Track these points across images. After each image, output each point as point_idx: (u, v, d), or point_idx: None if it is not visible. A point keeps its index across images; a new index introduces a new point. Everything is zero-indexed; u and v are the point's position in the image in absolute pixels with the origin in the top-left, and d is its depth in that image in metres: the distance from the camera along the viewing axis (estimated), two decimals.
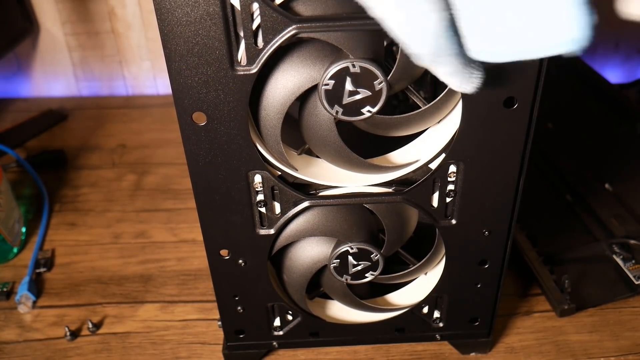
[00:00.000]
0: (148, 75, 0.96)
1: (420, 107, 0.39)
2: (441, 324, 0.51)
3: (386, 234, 0.44)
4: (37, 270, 0.64)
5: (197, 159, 0.39)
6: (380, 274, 0.45)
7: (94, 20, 0.90)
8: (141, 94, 0.98)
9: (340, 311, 0.52)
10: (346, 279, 0.46)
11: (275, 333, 0.51)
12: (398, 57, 0.36)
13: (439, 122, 0.41)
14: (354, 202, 0.42)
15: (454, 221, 0.44)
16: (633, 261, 0.59)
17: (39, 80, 0.97)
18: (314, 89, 0.37)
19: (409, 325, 0.51)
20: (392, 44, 0.40)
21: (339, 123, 0.39)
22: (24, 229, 0.68)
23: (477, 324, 0.51)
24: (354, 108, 0.37)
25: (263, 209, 0.43)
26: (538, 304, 0.58)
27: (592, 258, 0.60)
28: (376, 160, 0.43)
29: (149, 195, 0.75)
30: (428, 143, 0.42)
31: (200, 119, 0.37)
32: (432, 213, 0.43)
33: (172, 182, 0.77)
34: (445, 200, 0.43)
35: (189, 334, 0.56)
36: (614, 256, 0.60)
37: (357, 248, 0.44)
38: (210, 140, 0.38)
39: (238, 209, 0.42)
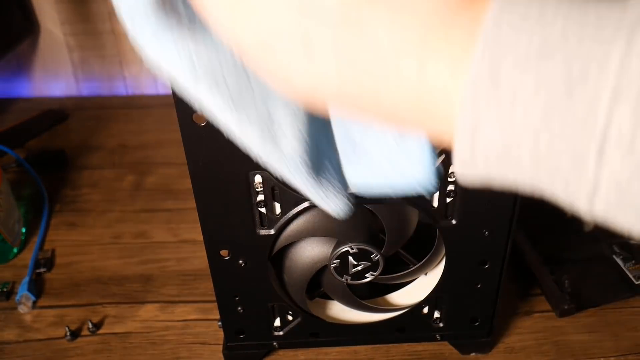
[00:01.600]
0: (148, 75, 0.96)
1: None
2: (441, 324, 0.51)
3: (386, 234, 0.44)
4: (37, 271, 0.64)
5: (197, 160, 0.39)
6: (381, 274, 0.46)
7: (94, 20, 0.90)
8: (141, 94, 0.98)
9: (340, 311, 0.52)
10: (346, 279, 0.46)
11: (276, 333, 0.51)
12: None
13: None
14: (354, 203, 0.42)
15: (454, 221, 0.44)
16: (633, 261, 0.59)
17: (39, 80, 0.97)
18: None
19: (409, 326, 0.51)
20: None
21: None
22: (24, 229, 0.68)
23: (477, 324, 0.51)
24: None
25: (263, 209, 0.43)
26: (538, 304, 0.58)
27: (592, 258, 0.60)
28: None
29: (149, 195, 0.75)
30: None
31: (201, 119, 0.37)
32: (433, 213, 0.43)
33: (172, 182, 0.77)
34: (446, 200, 0.43)
35: (189, 334, 0.56)
36: (614, 256, 0.60)
37: (358, 248, 0.44)
38: (210, 141, 0.38)
39: (238, 209, 0.42)
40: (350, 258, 0.44)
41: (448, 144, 0.20)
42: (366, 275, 0.46)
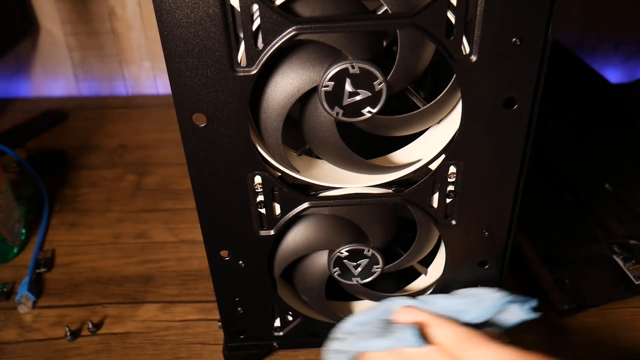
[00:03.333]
0: (148, 75, 0.96)
1: (420, 107, 0.39)
2: None
3: (366, 233, 0.44)
4: (37, 271, 0.64)
5: (197, 160, 0.39)
6: (386, 264, 0.45)
7: (94, 20, 0.90)
8: (141, 94, 0.98)
9: (340, 311, 0.52)
10: (357, 281, 0.46)
11: (276, 333, 0.51)
12: (397, 57, 0.36)
13: (439, 122, 0.41)
14: (354, 204, 0.42)
15: (454, 222, 0.44)
16: (633, 261, 0.59)
17: (39, 80, 0.97)
18: (314, 90, 0.37)
19: None
20: (392, 44, 0.40)
21: (339, 123, 0.39)
22: (23, 229, 0.68)
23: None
24: (355, 109, 0.37)
25: (263, 210, 0.43)
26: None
27: (592, 258, 0.60)
28: (377, 161, 0.43)
29: (149, 195, 0.75)
30: (428, 144, 0.42)
31: (200, 120, 0.37)
32: (432, 213, 0.43)
33: (172, 182, 0.77)
34: (445, 200, 0.43)
35: (189, 334, 0.56)
36: (614, 256, 0.60)
37: (347, 251, 0.44)
38: (210, 142, 0.38)
39: (238, 210, 0.42)
40: (346, 261, 0.45)
41: None
42: (372, 270, 0.45)
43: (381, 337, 0.43)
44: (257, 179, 0.41)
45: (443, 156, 0.40)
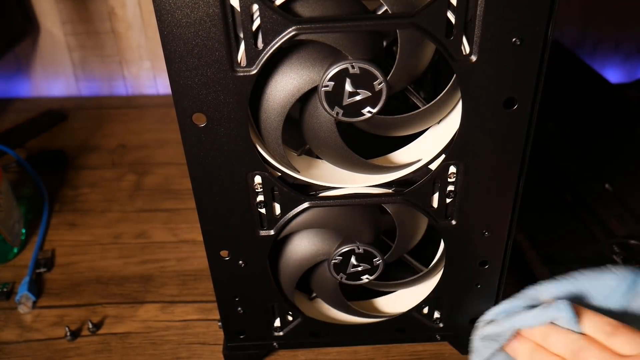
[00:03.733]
0: (148, 75, 0.96)
1: (420, 107, 0.39)
2: (441, 325, 0.51)
3: (396, 238, 0.44)
4: (37, 271, 0.64)
5: (197, 160, 0.40)
6: (376, 279, 0.45)
7: (94, 20, 0.90)
8: (141, 94, 0.98)
9: (340, 312, 0.52)
10: (341, 277, 0.45)
11: (276, 333, 0.51)
12: (397, 57, 0.36)
13: (439, 122, 0.41)
14: (353, 203, 0.42)
15: (454, 222, 0.44)
16: (633, 261, 0.59)
17: (39, 80, 0.97)
18: (314, 90, 0.37)
19: (409, 326, 0.51)
20: (392, 44, 0.40)
21: (339, 123, 0.39)
22: (23, 229, 0.68)
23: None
24: (355, 109, 0.37)
25: (263, 210, 0.43)
26: None
27: (592, 258, 0.60)
28: (377, 161, 0.43)
29: (149, 195, 0.75)
30: (428, 144, 0.42)
31: (200, 120, 0.37)
32: (432, 214, 0.43)
33: (172, 182, 0.77)
34: (445, 200, 0.43)
35: (189, 334, 0.56)
36: (614, 256, 0.59)
37: (364, 249, 0.44)
38: (210, 142, 0.38)
39: (238, 210, 0.42)
40: (353, 258, 0.44)
41: None
42: (362, 277, 0.45)
43: (533, 312, 0.42)
44: (257, 179, 0.41)
45: (443, 156, 0.40)
